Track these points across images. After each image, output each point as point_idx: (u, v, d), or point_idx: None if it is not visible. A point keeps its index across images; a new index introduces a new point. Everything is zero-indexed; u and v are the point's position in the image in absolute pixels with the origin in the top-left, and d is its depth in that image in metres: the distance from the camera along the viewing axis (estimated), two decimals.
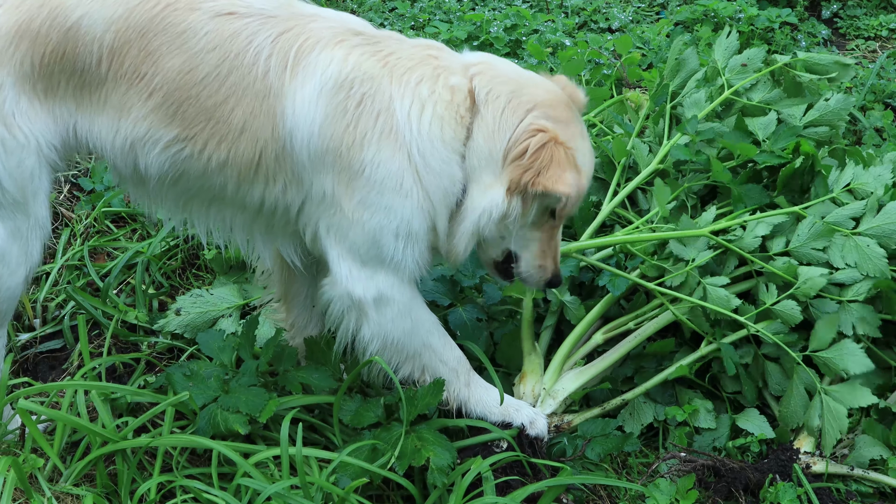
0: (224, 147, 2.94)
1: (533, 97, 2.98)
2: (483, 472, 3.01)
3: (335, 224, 2.99)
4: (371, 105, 2.89)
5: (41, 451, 3.17)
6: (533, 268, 3.13)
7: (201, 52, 2.88)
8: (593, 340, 3.58)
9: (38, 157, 2.94)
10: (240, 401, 3.13)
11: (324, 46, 2.91)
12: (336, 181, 2.94)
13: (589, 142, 3.09)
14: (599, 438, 3.39)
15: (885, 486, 3.33)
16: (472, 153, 2.95)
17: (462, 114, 2.94)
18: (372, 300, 3.04)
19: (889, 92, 5.70)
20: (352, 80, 2.89)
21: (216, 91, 2.89)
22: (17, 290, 3.08)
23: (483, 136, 2.93)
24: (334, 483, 2.94)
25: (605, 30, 6.88)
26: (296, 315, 3.57)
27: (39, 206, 3.00)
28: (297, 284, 3.50)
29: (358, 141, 2.88)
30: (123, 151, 3.00)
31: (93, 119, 2.97)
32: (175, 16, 2.89)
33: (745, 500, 3.25)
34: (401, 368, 3.17)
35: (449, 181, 2.95)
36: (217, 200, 3.09)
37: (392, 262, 3.00)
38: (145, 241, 4.23)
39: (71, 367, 3.70)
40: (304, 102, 2.88)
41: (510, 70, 3.07)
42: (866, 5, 7.19)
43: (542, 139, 2.89)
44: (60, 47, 2.88)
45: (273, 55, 2.89)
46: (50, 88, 2.92)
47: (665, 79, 4.10)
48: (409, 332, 3.10)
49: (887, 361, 3.63)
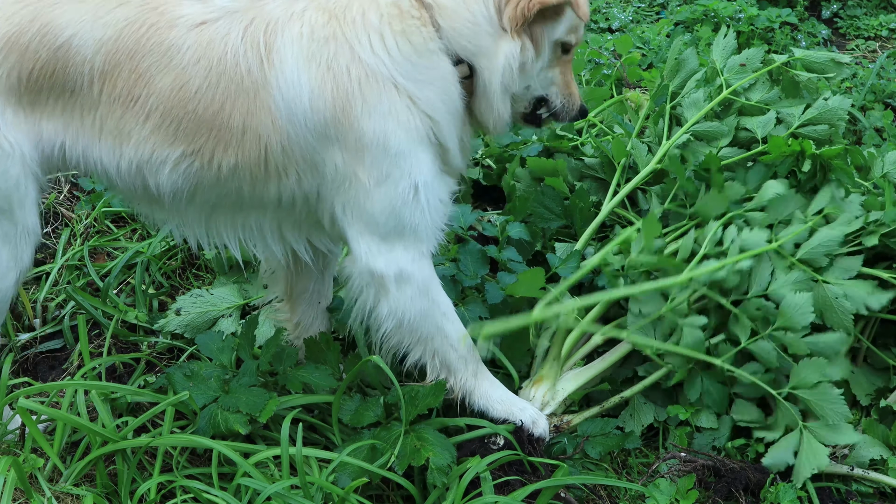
0: (231, 151, 2.95)
1: None
2: (481, 472, 3.01)
3: (351, 198, 2.99)
4: (338, 63, 2.90)
5: (41, 451, 3.17)
6: (565, 99, 3.22)
7: (188, 67, 2.90)
8: (593, 341, 3.58)
9: (23, 167, 2.93)
10: (240, 401, 3.13)
11: (283, 27, 2.94)
12: (344, 150, 2.95)
13: None
14: (600, 437, 3.39)
15: (885, 486, 3.33)
16: (453, 40, 2.98)
17: (418, 15, 2.96)
18: (393, 276, 3.04)
19: (889, 92, 5.71)
20: (314, 51, 2.91)
21: (211, 100, 2.91)
22: (8, 294, 3.08)
23: (450, 18, 2.96)
24: (334, 483, 2.94)
25: (605, 30, 6.89)
26: (301, 313, 3.57)
27: (27, 213, 2.99)
28: (304, 282, 3.50)
29: (345, 101, 2.90)
30: (130, 174, 3.00)
31: (90, 145, 2.98)
32: (158, 35, 2.91)
33: (745, 500, 3.25)
34: (412, 351, 3.17)
35: (442, 82, 2.97)
36: (237, 207, 3.09)
37: (412, 228, 3.00)
38: (145, 241, 4.23)
39: (71, 367, 3.70)
40: (288, 87, 2.90)
41: None
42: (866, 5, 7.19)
43: None
44: (50, 65, 2.88)
45: (247, 51, 2.92)
46: (37, 103, 2.93)
47: (665, 79, 4.10)
48: (424, 313, 3.10)
49: (886, 362, 3.64)
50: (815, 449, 3.26)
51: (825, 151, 3.70)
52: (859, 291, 3.35)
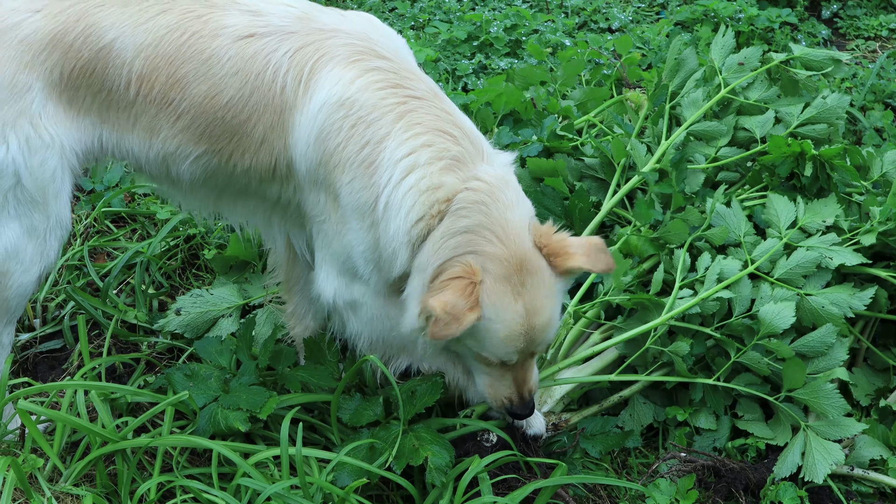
0: (247, 157, 3.07)
1: (488, 250, 2.83)
2: (479, 472, 3.00)
3: (323, 231, 3.08)
4: (364, 130, 2.89)
5: (41, 451, 3.18)
6: (485, 393, 3.09)
7: (225, 77, 2.98)
8: (591, 340, 3.58)
9: (62, 159, 3.05)
10: (240, 399, 3.14)
11: (337, 63, 2.93)
12: (326, 194, 3.01)
13: (520, 307, 2.85)
14: (600, 436, 3.40)
15: (885, 486, 3.33)
16: (420, 250, 2.88)
17: (435, 211, 2.85)
18: (344, 304, 3.13)
19: (889, 92, 5.70)
20: (353, 101, 2.89)
21: (240, 111, 3.00)
22: (29, 289, 3.15)
23: (430, 241, 2.86)
24: (333, 482, 2.94)
25: (605, 30, 6.89)
26: (296, 303, 3.60)
27: (61, 206, 3.10)
28: (299, 270, 3.54)
29: (342, 164, 2.92)
30: (157, 163, 3.15)
31: (122, 136, 3.11)
32: (200, 44, 2.98)
33: (745, 500, 3.25)
34: (397, 360, 3.22)
35: (391, 255, 2.90)
36: (242, 194, 3.22)
37: (362, 278, 3.06)
38: (145, 241, 4.23)
39: (71, 367, 3.70)
40: (307, 116, 2.94)
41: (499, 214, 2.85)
42: (866, 5, 7.19)
43: (459, 271, 2.79)
44: (91, 64, 2.99)
45: (290, 70, 2.96)
46: (74, 100, 3.04)
47: (664, 79, 4.10)
48: (391, 329, 3.12)
49: (886, 362, 3.63)
50: (826, 446, 3.28)
51: (825, 152, 3.70)
52: (841, 297, 3.43)
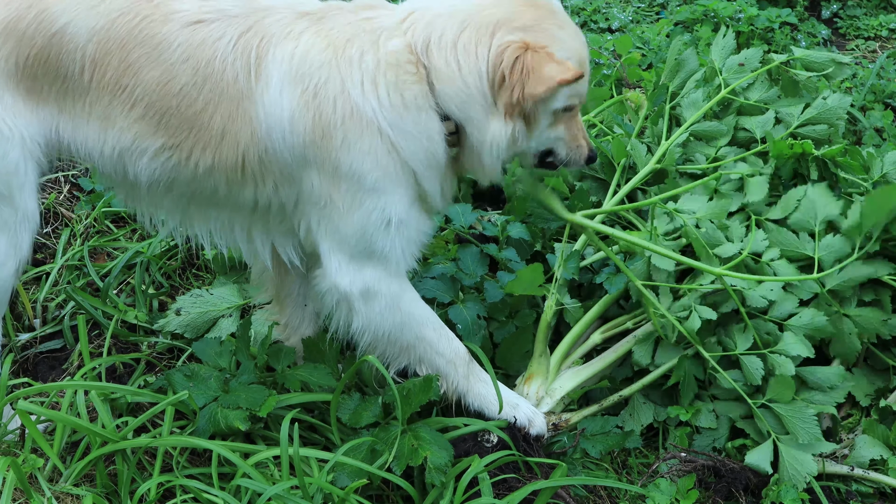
0: (209, 153, 2.98)
1: (489, 18, 2.93)
2: (479, 472, 3.00)
3: (326, 217, 3.02)
4: (326, 93, 2.90)
5: (41, 452, 3.17)
6: (572, 151, 3.16)
7: (176, 64, 2.92)
8: (591, 340, 3.59)
9: (23, 150, 2.96)
10: (240, 398, 3.14)
11: (276, 43, 2.93)
12: (321, 174, 2.96)
13: (570, 28, 3.00)
14: (600, 436, 3.39)
15: (885, 486, 3.33)
16: (444, 102, 2.94)
17: (413, 71, 2.92)
18: (359, 293, 3.07)
19: (889, 92, 5.70)
20: (303, 74, 2.90)
21: (195, 100, 2.94)
22: (8, 283, 3.10)
23: (445, 82, 2.92)
24: (333, 482, 2.94)
25: (605, 30, 6.89)
26: (289, 315, 3.58)
27: (27, 198, 3.01)
28: (290, 283, 3.51)
29: (326, 129, 2.90)
30: (112, 160, 3.04)
31: (78, 127, 3.02)
32: (151, 28, 2.93)
33: (746, 500, 3.25)
34: (396, 360, 3.19)
35: (427, 139, 2.95)
36: (213, 203, 3.12)
37: (381, 254, 3.02)
38: (145, 241, 4.23)
39: (71, 368, 3.70)
40: (272, 103, 2.91)
41: (448, 4, 2.98)
42: (866, 5, 7.19)
43: (511, 55, 2.86)
44: (45, 51, 2.92)
45: (237, 59, 2.93)
46: (33, 89, 2.96)
47: (664, 79, 4.10)
48: (400, 324, 3.11)
49: (886, 362, 3.63)
50: (798, 457, 3.28)
51: (826, 152, 3.70)
52: (874, 318, 3.48)
